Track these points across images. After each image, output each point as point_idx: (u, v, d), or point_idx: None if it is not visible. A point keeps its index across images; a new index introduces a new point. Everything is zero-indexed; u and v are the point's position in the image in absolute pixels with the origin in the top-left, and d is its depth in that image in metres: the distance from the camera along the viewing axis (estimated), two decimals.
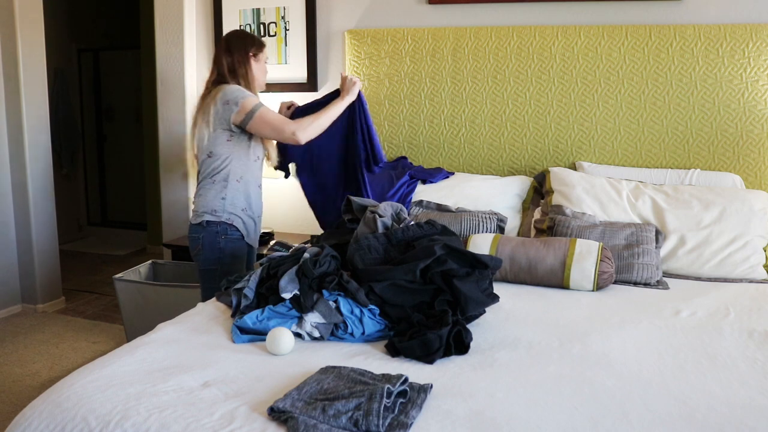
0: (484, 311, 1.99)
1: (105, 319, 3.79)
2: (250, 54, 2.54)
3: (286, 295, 1.87)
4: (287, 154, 2.83)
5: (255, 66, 2.56)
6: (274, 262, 2.06)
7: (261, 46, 2.59)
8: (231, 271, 2.46)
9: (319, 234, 2.51)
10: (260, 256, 2.73)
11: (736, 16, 2.80)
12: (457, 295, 1.86)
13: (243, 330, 1.81)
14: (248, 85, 2.53)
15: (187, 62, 3.61)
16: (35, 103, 3.78)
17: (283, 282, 1.89)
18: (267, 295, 1.95)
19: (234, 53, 2.52)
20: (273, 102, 3.57)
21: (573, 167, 3.00)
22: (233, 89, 2.44)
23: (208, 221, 2.46)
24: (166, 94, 3.69)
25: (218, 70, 2.54)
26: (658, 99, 2.89)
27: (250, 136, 2.50)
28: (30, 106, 3.73)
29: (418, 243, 1.99)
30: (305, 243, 2.44)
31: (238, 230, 2.50)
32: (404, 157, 3.21)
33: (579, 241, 2.37)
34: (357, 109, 2.72)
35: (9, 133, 3.75)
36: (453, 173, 3.09)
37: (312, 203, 2.92)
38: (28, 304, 3.89)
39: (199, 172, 2.57)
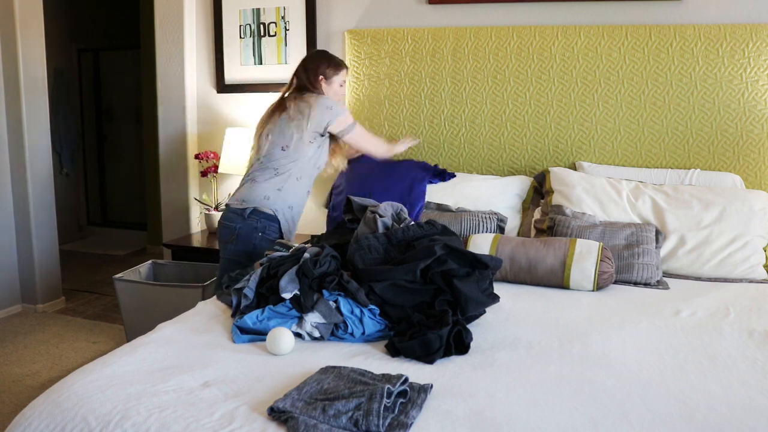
0: (485, 311, 1.99)
1: (105, 319, 3.79)
2: (320, 77, 2.63)
3: (287, 295, 1.87)
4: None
5: (326, 88, 2.65)
6: (275, 262, 2.06)
7: (337, 68, 2.67)
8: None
9: (320, 234, 2.51)
10: (260, 255, 2.73)
11: (736, 16, 2.80)
12: (458, 295, 1.86)
13: (243, 330, 1.81)
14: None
15: (187, 62, 3.61)
16: (35, 103, 3.78)
17: (284, 282, 1.89)
18: (267, 295, 1.95)
19: (308, 72, 2.65)
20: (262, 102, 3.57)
21: (573, 167, 3.00)
22: (332, 100, 2.61)
23: (253, 210, 2.51)
24: (166, 94, 3.69)
25: (298, 83, 2.66)
26: (658, 99, 2.89)
27: (325, 145, 2.65)
28: (30, 106, 3.73)
29: (418, 243, 1.99)
30: (305, 243, 2.44)
31: (278, 225, 2.54)
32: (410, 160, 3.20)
33: (579, 241, 2.37)
34: None
35: (9, 134, 3.75)
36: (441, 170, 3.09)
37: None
38: (28, 304, 3.89)
39: (258, 161, 2.62)
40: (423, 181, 2.91)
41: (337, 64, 2.67)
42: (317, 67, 2.64)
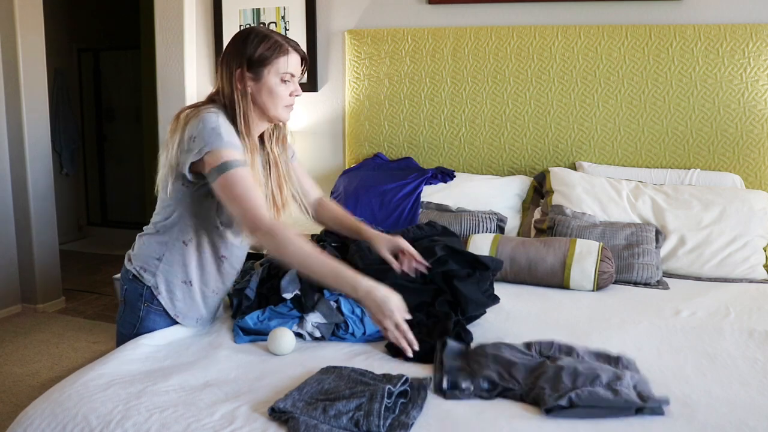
0: (485, 312, 1.99)
1: (105, 319, 3.79)
2: (237, 72, 1.66)
3: (287, 296, 1.87)
4: None
5: (254, 91, 1.67)
6: (275, 263, 2.06)
7: (272, 52, 1.65)
8: None
9: (320, 234, 2.50)
10: (261, 256, 2.72)
11: (736, 16, 2.80)
12: (458, 296, 1.86)
13: (244, 330, 1.81)
14: (244, 121, 1.66)
15: (187, 62, 3.61)
16: (35, 103, 3.78)
17: (284, 282, 1.90)
18: (268, 295, 1.96)
19: (224, 65, 1.69)
20: None
21: (573, 167, 3.01)
22: (210, 121, 1.59)
23: (134, 276, 1.77)
24: (166, 94, 3.69)
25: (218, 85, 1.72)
26: (658, 99, 2.89)
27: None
28: (30, 106, 3.73)
29: (418, 244, 1.99)
30: None
31: (163, 307, 1.76)
32: (409, 158, 3.21)
33: (579, 241, 2.37)
34: None
35: (9, 133, 3.75)
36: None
37: None
38: (28, 304, 3.89)
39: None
40: (420, 184, 2.92)
41: (273, 47, 1.64)
42: (233, 55, 1.66)
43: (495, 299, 1.98)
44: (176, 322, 1.80)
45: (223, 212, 1.70)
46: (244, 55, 1.64)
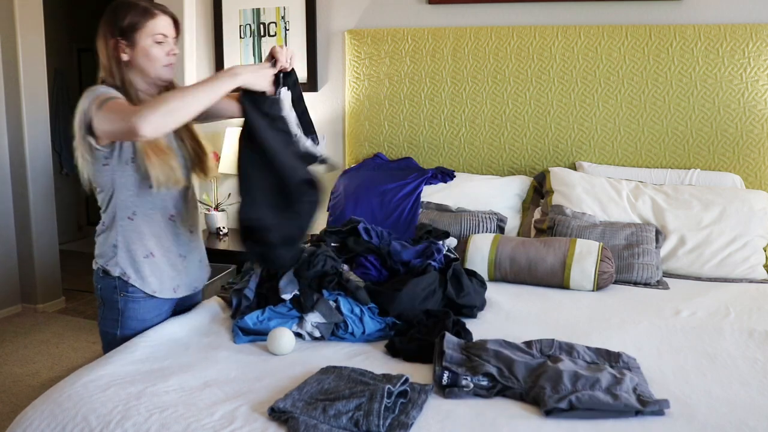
0: (482, 308, 2.04)
1: None
2: (110, 43, 1.72)
3: (287, 296, 1.87)
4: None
5: (131, 56, 1.72)
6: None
7: (142, 16, 1.70)
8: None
9: (320, 233, 2.50)
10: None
11: (736, 16, 2.80)
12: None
13: (244, 330, 1.81)
14: (125, 88, 1.72)
15: (187, 62, 3.61)
16: (35, 103, 3.78)
17: (283, 283, 1.90)
18: (267, 295, 1.96)
19: (101, 43, 1.75)
20: None
21: (573, 167, 3.01)
22: (93, 88, 1.70)
23: (103, 271, 1.81)
24: None
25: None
26: (658, 99, 2.89)
27: (133, 154, 1.71)
28: (30, 106, 3.74)
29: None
30: (305, 243, 2.44)
31: (139, 289, 1.78)
32: (409, 158, 3.21)
33: (579, 241, 2.37)
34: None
35: (9, 133, 3.75)
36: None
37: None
38: (28, 304, 3.89)
39: None
40: (420, 184, 2.92)
41: (141, 12, 1.70)
42: (106, 29, 1.72)
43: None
44: (157, 302, 1.83)
45: (145, 172, 1.71)
46: (116, 26, 1.70)
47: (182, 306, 1.98)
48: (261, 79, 1.71)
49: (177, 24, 1.77)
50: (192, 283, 1.93)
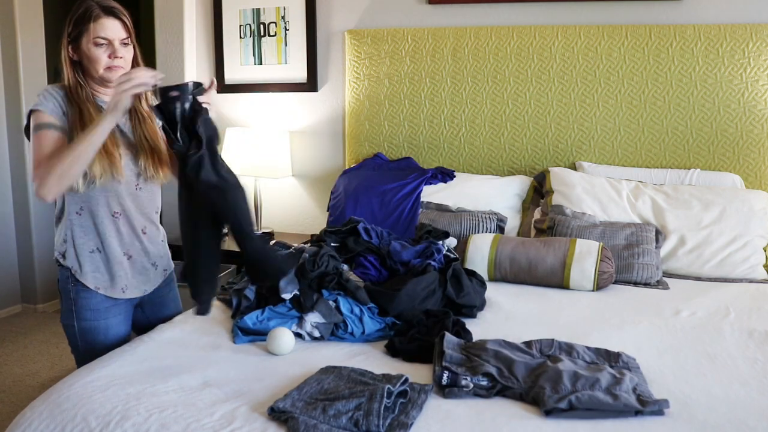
0: (482, 308, 2.03)
1: None
2: (63, 42, 1.76)
3: (286, 296, 1.87)
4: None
5: (83, 57, 1.74)
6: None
7: (84, 17, 1.71)
8: (93, 333, 1.82)
9: (320, 233, 2.50)
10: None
11: (736, 16, 2.80)
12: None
13: (244, 330, 1.81)
14: (72, 87, 1.76)
15: (187, 62, 3.61)
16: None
17: (283, 283, 1.90)
18: (267, 295, 1.96)
19: (60, 43, 1.77)
20: (262, 102, 3.57)
21: (573, 167, 3.00)
22: (42, 92, 1.76)
23: (58, 262, 1.87)
24: None
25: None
26: (658, 99, 2.89)
27: None
28: (30, 106, 3.73)
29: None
30: (305, 243, 2.44)
31: (82, 283, 1.81)
32: (409, 158, 3.21)
33: (579, 241, 2.37)
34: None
35: (9, 134, 3.75)
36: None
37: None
38: (28, 304, 3.89)
39: None
40: (420, 184, 2.92)
41: (83, 15, 1.71)
42: (63, 31, 1.76)
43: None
44: (109, 298, 1.83)
45: (97, 167, 1.71)
46: (67, 25, 1.74)
47: (155, 314, 1.97)
48: (116, 98, 1.61)
49: (127, 26, 1.76)
50: (140, 285, 1.89)
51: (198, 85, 1.67)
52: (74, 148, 1.59)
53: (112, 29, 1.72)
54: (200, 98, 1.66)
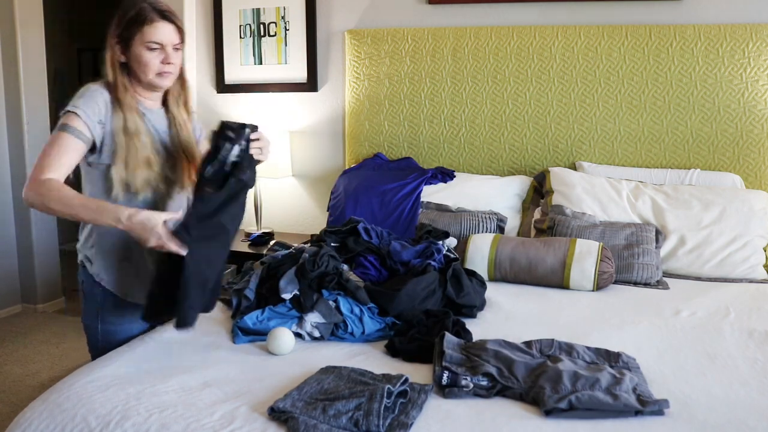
0: (482, 308, 2.03)
1: None
2: (111, 42, 1.70)
3: (287, 296, 1.87)
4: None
5: (132, 58, 1.70)
6: (274, 263, 2.07)
7: (137, 20, 1.67)
8: (115, 335, 1.81)
9: (319, 233, 2.50)
10: (260, 255, 2.72)
11: (736, 16, 2.80)
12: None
13: (244, 330, 1.81)
14: (116, 88, 1.70)
15: (187, 62, 3.59)
16: (35, 103, 3.78)
17: (283, 283, 1.90)
18: (267, 295, 1.96)
19: (108, 41, 1.72)
20: (262, 102, 3.56)
21: (573, 167, 3.00)
22: (82, 90, 1.69)
23: (83, 265, 1.82)
24: None
25: None
26: (658, 99, 2.89)
27: (108, 160, 1.70)
28: (30, 106, 3.73)
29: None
30: (305, 243, 2.44)
31: (112, 293, 1.79)
32: (409, 158, 3.20)
33: (579, 241, 2.37)
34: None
35: (9, 134, 3.75)
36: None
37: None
38: (28, 304, 3.89)
39: None
40: (420, 184, 2.91)
41: (138, 17, 1.67)
42: (112, 29, 1.71)
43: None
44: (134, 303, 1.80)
45: (109, 177, 1.69)
46: (118, 26, 1.69)
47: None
48: (147, 235, 1.53)
49: (181, 31, 1.72)
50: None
51: (254, 128, 1.67)
52: (76, 209, 1.55)
53: (167, 34, 1.68)
54: (253, 136, 1.66)
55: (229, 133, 1.62)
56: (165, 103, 1.82)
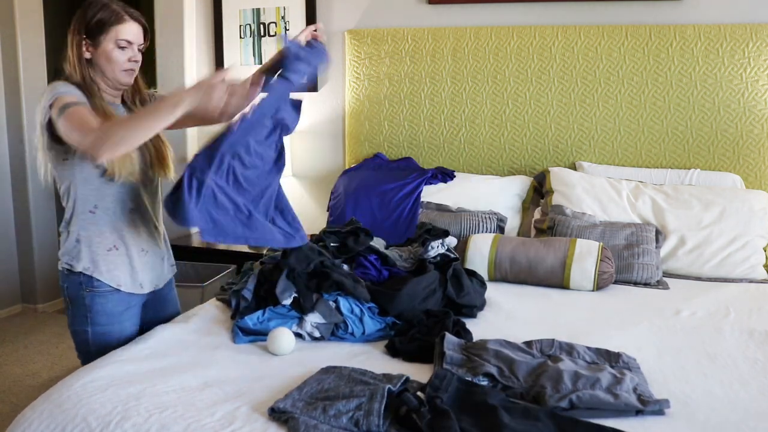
0: (482, 308, 2.03)
1: None
2: (75, 43, 1.74)
3: (286, 302, 1.87)
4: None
5: (96, 58, 1.74)
6: (267, 269, 2.05)
7: (110, 19, 1.72)
8: (107, 336, 1.80)
9: (319, 233, 2.50)
10: (260, 255, 2.72)
11: (736, 16, 2.80)
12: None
13: (244, 330, 1.81)
14: (85, 83, 1.74)
15: (187, 62, 3.61)
16: (35, 103, 3.76)
17: (279, 289, 1.89)
18: (267, 297, 1.95)
19: (70, 36, 1.75)
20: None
21: (573, 167, 3.00)
22: (54, 85, 1.71)
23: (68, 269, 1.79)
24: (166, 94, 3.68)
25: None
26: (658, 99, 2.89)
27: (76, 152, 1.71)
28: (30, 106, 3.73)
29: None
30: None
31: (105, 283, 1.77)
32: (409, 158, 3.20)
33: (579, 241, 2.37)
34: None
35: (9, 134, 3.75)
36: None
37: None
38: (28, 304, 3.89)
39: None
40: (420, 184, 2.91)
41: (110, 15, 1.72)
42: (76, 24, 1.74)
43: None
44: (123, 296, 1.80)
45: (85, 167, 1.72)
46: (84, 24, 1.72)
47: (156, 314, 1.96)
48: (207, 96, 1.59)
49: (146, 32, 1.79)
50: (154, 280, 1.90)
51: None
52: (141, 119, 1.57)
53: (136, 34, 1.76)
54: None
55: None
56: (123, 100, 1.88)
